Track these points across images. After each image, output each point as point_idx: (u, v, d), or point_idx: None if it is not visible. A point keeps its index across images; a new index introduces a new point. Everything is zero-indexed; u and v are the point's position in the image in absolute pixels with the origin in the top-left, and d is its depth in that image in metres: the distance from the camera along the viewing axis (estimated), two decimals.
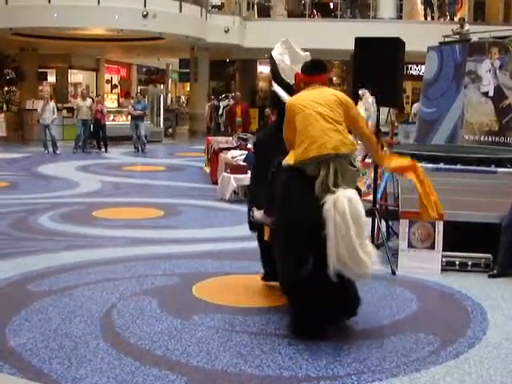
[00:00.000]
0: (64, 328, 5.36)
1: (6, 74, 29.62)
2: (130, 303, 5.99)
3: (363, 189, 8.91)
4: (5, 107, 27.64)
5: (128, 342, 5.09)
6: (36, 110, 22.49)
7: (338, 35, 26.07)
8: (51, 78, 33.35)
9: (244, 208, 11.02)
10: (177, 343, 5.07)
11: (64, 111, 25.27)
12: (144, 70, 42.03)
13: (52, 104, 21.29)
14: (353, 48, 8.14)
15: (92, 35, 24.89)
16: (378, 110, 8.11)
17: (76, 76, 35.13)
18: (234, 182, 11.58)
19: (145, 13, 23.39)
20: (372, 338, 5.28)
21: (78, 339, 5.11)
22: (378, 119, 7.81)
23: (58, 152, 20.49)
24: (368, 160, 9.04)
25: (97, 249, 8.25)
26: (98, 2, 22.73)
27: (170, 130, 29.95)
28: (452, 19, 29.73)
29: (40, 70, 30.16)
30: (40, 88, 29.94)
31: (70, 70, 33.81)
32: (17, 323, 5.48)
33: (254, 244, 6.57)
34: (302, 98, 5.40)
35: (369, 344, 5.12)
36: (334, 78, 37.55)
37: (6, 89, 29.82)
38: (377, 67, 7.78)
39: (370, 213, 8.32)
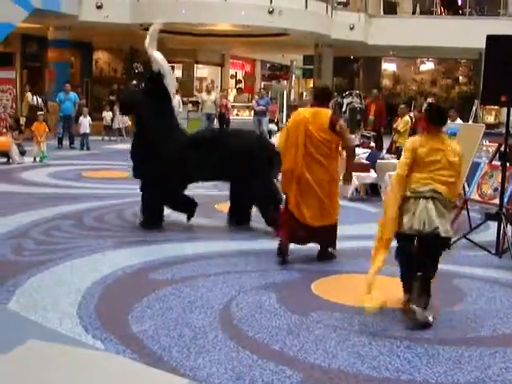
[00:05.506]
0: (184, 317, 5.47)
1: (134, 68, 30.48)
2: (249, 296, 6.04)
3: (489, 191, 8.65)
4: None
5: (246, 334, 5.14)
6: None
7: (466, 33, 25.49)
8: (177, 73, 34.13)
9: (364, 206, 10.88)
10: (294, 339, 5.07)
11: (189, 105, 25.78)
12: (268, 65, 42.32)
13: (177, 97, 21.76)
14: (481, 46, 7.93)
15: (218, 31, 25.30)
16: (509, 112, 7.84)
17: (201, 71, 35.82)
18: (356, 180, 11.43)
19: (271, 9, 23.56)
20: (495, 346, 5.10)
21: (197, 329, 5.20)
22: None
23: None
24: (495, 162, 8.77)
25: (218, 241, 8.40)
26: None
27: None
28: None
29: None
30: None
31: (195, 65, 34.51)
32: (139, 310, 5.63)
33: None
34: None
35: (491, 353, 4.95)
36: (461, 78, 36.69)
37: (134, 82, 30.69)
38: (509, 66, 7.54)
39: (496, 217, 8.08)
